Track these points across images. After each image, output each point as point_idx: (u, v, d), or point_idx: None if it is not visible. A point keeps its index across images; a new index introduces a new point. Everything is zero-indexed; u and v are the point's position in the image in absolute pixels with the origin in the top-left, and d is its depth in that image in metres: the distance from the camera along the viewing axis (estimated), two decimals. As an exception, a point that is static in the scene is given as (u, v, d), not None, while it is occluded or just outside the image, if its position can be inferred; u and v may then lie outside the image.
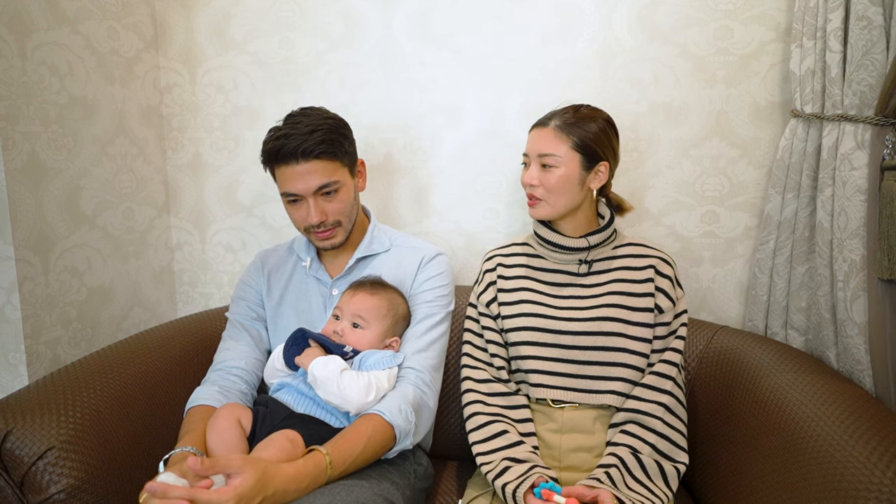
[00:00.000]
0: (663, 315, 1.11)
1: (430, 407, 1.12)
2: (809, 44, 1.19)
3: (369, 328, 1.10)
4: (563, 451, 1.09)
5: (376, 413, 1.01)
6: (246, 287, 1.28)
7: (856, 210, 1.11)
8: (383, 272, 1.21)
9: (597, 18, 1.41)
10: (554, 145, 1.10)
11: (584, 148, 1.10)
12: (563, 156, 1.09)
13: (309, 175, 1.10)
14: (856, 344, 1.11)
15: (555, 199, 1.11)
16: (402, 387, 1.08)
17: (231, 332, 1.24)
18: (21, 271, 1.20)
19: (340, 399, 1.00)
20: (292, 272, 1.27)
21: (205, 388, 1.12)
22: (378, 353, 1.09)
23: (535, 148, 1.12)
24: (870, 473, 0.77)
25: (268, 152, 1.12)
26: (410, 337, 1.16)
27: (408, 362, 1.12)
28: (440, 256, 1.26)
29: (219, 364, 1.18)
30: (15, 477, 0.92)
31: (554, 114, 1.14)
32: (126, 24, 1.48)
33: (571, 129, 1.10)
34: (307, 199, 1.12)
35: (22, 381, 1.22)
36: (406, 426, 1.02)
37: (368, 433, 0.98)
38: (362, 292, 1.12)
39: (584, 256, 1.15)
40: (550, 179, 1.10)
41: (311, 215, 1.12)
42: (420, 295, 1.20)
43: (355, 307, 1.11)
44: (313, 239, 1.19)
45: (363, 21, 1.50)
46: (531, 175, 1.12)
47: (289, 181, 1.11)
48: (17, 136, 1.19)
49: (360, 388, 1.01)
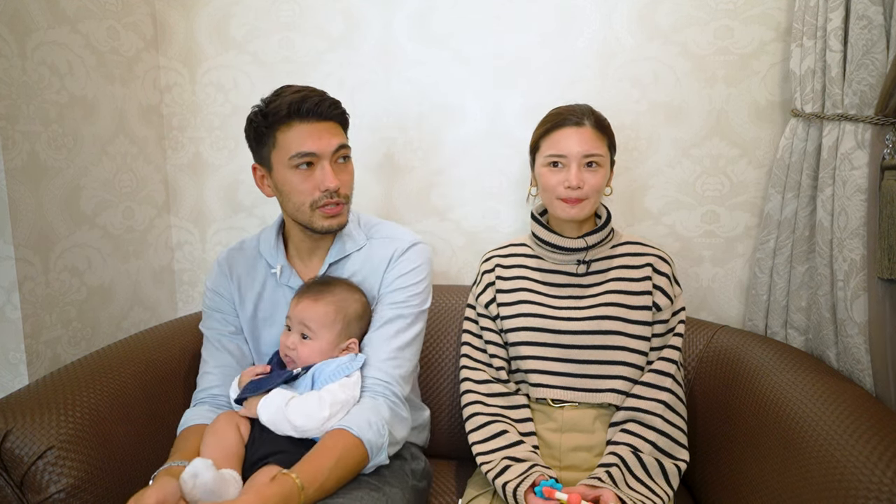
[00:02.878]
0: (661, 313, 1.11)
1: (404, 417, 1.04)
2: (810, 43, 1.18)
3: (317, 338, 1.02)
4: (563, 451, 1.09)
5: (343, 428, 0.94)
6: (216, 296, 1.15)
7: (856, 210, 1.11)
8: (356, 273, 1.12)
9: (597, 18, 1.41)
10: (598, 145, 1.10)
11: (612, 147, 1.14)
12: (605, 154, 1.11)
13: (330, 133, 1.02)
14: (856, 343, 1.11)
15: (596, 197, 1.11)
16: (372, 400, 1.00)
17: (210, 351, 1.14)
18: (21, 271, 1.20)
19: (297, 432, 0.95)
20: (264, 281, 1.14)
21: (195, 409, 1.07)
22: (333, 363, 1.01)
23: (577, 148, 1.08)
24: (870, 473, 0.77)
25: (286, 105, 0.99)
26: (378, 341, 1.06)
27: (375, 372, 1.03)
28: (415, 247, 1.13)
29: (202, 391, 1.10)
30: (15, 476, 0.92)
31: (580, 112, 1.11)
32: (126, 23, 1.48)
33: (604, 129, 1.12)
34: (322, 163, 1.02)
35: (22, 381, 1.22)
36: (377, 440, 0.96)
37: (338, 448, 0.92)
38: (306, 299, 1.03)
39: (582, 257, 1.15)
40: (596, 179, 1.09)
41: (327, 178, 1.01)
42: (389, 294, 1.09)
43: (300, 315, 1.02)
44: (317, 218, 1.04)
45: (363, 21, 1.50)
46: (577, 176, 1.07)
47: (308, 138, 1.00)
48: (17, 136, 1.19)
49: (311, 412, 0.95)
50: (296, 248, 1.15)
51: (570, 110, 1.13)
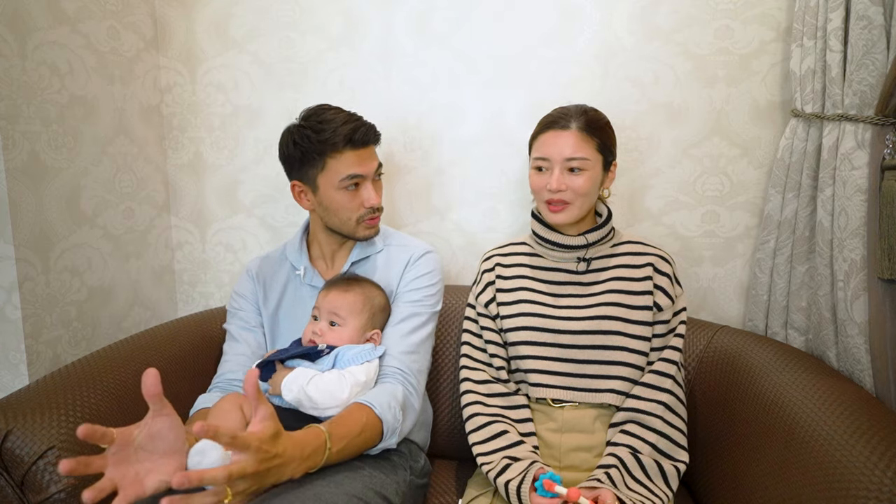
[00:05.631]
0: (662, 313, 1.11)
1: (416, 409, 1.11)
2: (810, 43, 1.18)
3: (346, 325, 1.10)
4: (563, 451, 1.09)
5: (367, 404, 1.00)
6: (240, 299, 1.27)
7: (856, 210, 1.11)
8: (375, 274, 1.21)
9: (597, 18, 1.41)
10: (582, 148, 1.08)
11: (605, 149, 1.10)
12: (591, 158, 1.08)
13: (371, 157, 1.17)
14: (856, 343, 1.11)
15: (582, 202, 1.10)
16: (391, 385, 1.07)
17: (229, 343, 1.24)
18: (21, 271, 1.20)
19: (317, 410, 1.00)
20: (287, 281, 1.26)
21: (208, 395, 1.13)
22: (356, 348, 1.07)
23: (559, 152, 1.08)
24: (870, 473, 0.77)
25: (344, 135, 1.11)
26: (395, 336, 1.14)
27: (394, 362, 1.11)
28: (429, 255, 1.25)
29: (219, 377, 1.18)
30: (15, 476, 0.92)
31: (568, 115, 1.11)
32: (126, 23, 1.48)
33: (594, 131, 1.09)
34: (365, 183, 1.16)
35: (22, 381, 1.22)
36: (394, 423, 1.01)
37: (363, 420, 0.97)
38: (335, 290, 1.12)
39: (582, 254, 1.15)
40: (579, 183, 1.08)
41: (372, 197, 1.16)
42: (406, 294, 1.19)
43: (330, 305, 1.10)
44: (361, 229, 1.19)
45: (363, 21, 1.50)
46: (558, 180, 1.08)
47: (356, 164, 1.14)
48: (18, 136, 1.19)
49: (333, 390, 1.00)
50: (321, 251, 1.27)
51: (560, 112, 1.12)
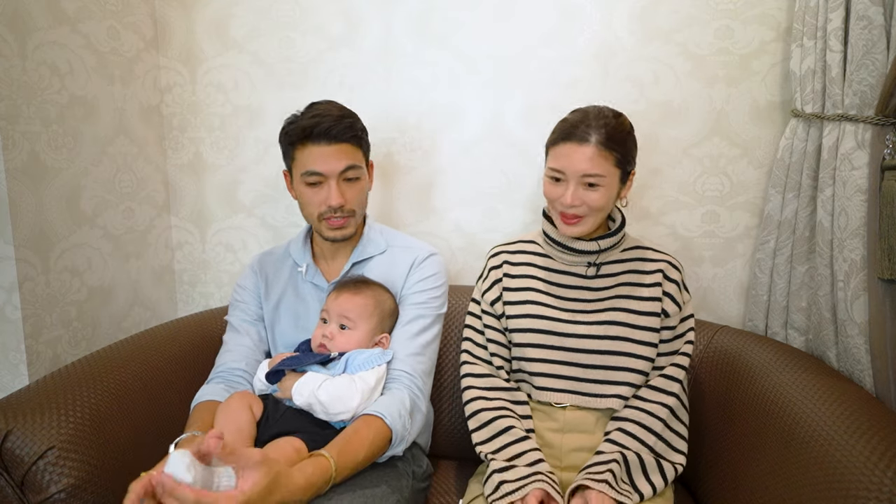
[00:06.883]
0: (669, 319, 1.10)
1: (423, 412, 1.11)
2: (810, 43, 1.18)
3: (357, 328, 1.10)
4: (563, 451, 1.09)
5: (377, 416, 0.99)
6: (242, 291, 1.27)
7: (856, 210, 1.11)
8: (378, 274, 1.20)
9: (597, 18, 1.41)
10: (600, 165, 1.02)
11: (624, 163, 1.06)
12: (608, 174, 1.03)
13: (337, 156, 1.12)
14: (856, 344, 1.11)
15: (596, 215, 1.07)
16: (398, 392, 1.06)
17: (230, 334, 1.24)
18: (21, 271, 1.20)
19: (327, 415, 1.00)
20: (289, 277, 1.26)
21: (210, 385, 1.13)
22: (365, 353, 1.07)
23: (576, 168, 1.03)
24: (870, 473, 0.77)
25: (301, 129, 1.11)
26: (402, 338, 1.14)
27: (402, 365, 1.10)
28: (433, 257, 1.24)
29: (220, 366, 1.18)
30: (15, 476, 0.92)
31: (588, 125, 1.04)
32: (126, 23, 1.48)
33: (614, 145, 1.03)
34: (329, 182, 1.13)
35: (22, 381, 1.22)
36: (403, 433, 1.02)
37: (370, 438, 0.97)
38: (346, 292, 1.11)
39: (593, 259, 1.14)
40: (594, 198, 1.04)
41: (332, 196, 1.12)
42: (411, 296, 1.18)
43: (340, 308, 1.10)
44: (324, 228, 1.16)
45: (363, 21, 1.50)
46: (573, 195, 1.04)
47: (316, 160, 1.11)
48: (18, 136, 1.19)
49: (343, 396, 1.00)
50: (320, 249, 1.26)
51: (580, 119, 1.06)
